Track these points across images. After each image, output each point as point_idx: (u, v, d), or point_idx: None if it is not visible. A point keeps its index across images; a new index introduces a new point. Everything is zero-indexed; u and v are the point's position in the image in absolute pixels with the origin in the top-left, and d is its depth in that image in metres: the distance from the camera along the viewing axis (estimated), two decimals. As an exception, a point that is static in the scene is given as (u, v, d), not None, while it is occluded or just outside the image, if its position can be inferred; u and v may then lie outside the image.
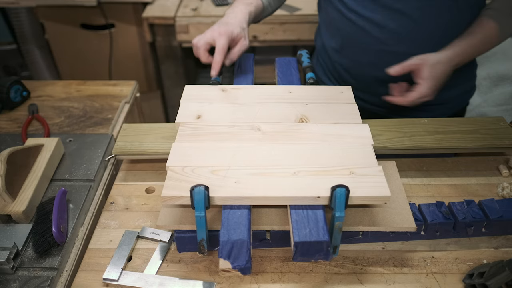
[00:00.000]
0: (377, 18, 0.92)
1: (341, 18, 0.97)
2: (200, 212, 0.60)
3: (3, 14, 1.97)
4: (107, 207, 0.79)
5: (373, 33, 0.93)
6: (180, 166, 0.66)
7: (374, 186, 0.63)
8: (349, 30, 0.97)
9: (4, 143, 0.91)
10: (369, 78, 1.00)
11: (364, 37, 0.95)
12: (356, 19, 0.94)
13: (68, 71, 2.06)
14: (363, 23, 0.94)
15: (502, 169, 0.84)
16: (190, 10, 1.78)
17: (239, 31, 0.86)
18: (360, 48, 0.98)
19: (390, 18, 0.90)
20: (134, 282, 0.65)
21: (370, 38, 0.94)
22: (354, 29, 0.96)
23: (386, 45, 0.94)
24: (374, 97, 1.03)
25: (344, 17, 0.97)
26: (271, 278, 0.67)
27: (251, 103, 0.81)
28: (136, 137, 0.85)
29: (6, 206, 0.73)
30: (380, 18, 0.91)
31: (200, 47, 0.85)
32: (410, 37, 0.91)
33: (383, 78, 0.91)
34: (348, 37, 0.99)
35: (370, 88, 1.02)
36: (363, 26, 0.94)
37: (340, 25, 0.99)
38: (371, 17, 0.92)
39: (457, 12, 0.88)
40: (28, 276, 0.66)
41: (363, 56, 0.98)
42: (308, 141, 0.72)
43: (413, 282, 0.66)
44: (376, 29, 0.93)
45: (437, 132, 0.84)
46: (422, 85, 0.82)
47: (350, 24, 0.96)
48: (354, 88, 0.88)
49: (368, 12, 0.92)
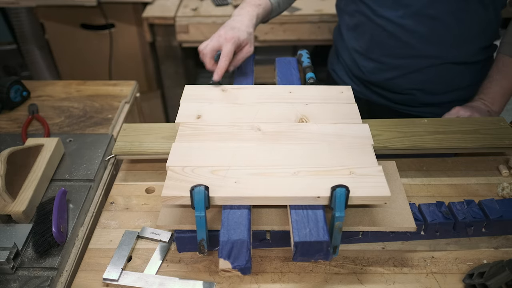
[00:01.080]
0: (408, 24, 0.92)
1: (368, 22, 0.97)
2: (200, 212, 0.60)
3: (3, 14, 1.97)
4: (107, 207, 0.79)
5: (402, 37, 0.93)
6: (180, 166, 0.66)
7: (374, 186, 0.63)
8: (377, 34, 0.97)
9: (4, 143, 0.91)
10: (396, 79, 1.01)
11: (392, 41, 0.95)
12: (385, 24, 0.94)
13: (68, 71, 2.06)
14: (393, 28, 0.93)
15: (502, 169, 0.84)
16: (190, 10, 1.78)
17: (245, 36, 0.85)
18: (388, 52, 0.98)
19: (421, 23, 0.91)
20: (134, 282, 0.65)
21: (400, 42, 0.94)
22: (382, 33, 0.96)
23: (414, 48, 0.94)
24: (400, 96, 1.05)
25: (372, 22, 0.96)
26: (271, 278, 0.67)
27: (251, 103, 0.81)
28: (136, 137, 0.85)
29: (6, 206, 0.73)
30: (411, 23, 0.91)
31: (206, 54, 0.84)
32: (439, 40, 0.91)
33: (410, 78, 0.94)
34: (375, 41, 0.99)
35: (395, 88, 1.03)
36: (393, 31, 0.94)
37: (367, 28, 0.98)
38: (401, 23, 0.92)
39: (483, 11, 0.90)
40: (28, 276, 0.66)
41: (390, 59, 0.98)
42: (308, 141, 0.72)
43: (413, 282, 0.66)
44: (406, 34, 0.93)
45: (437, 132, 0.84)
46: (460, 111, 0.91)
47: (378, 29, 0.96)
48: (380, 88, 0.90)
49: (398, 18, 0.92)
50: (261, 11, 0.93)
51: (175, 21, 1.74)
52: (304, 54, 1.00)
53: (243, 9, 0.91)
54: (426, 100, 1.05)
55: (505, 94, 0.93)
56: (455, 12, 0.89)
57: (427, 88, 1.02)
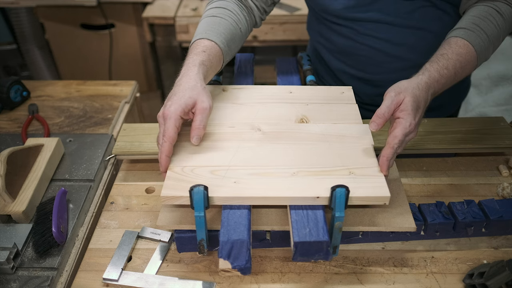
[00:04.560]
0: (395, 38, 0.89)
1: (354, 44, 0.94)
2: (199, 212, 0.60)
3: (3, 14, 1.97)
4: (107, 207, 0.79)
5: (391, 52, 0.91)
6: (179, 166, 0.66)
7: (374, 186, 0.63)
8: (363, 54, 0.94)
9: (4, 143, 0.91)
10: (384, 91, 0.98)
11: (380, 57, 0.93)
12: (372, 43, 0.91)
13: (68, 71, 2.06)
14: (380, 44, 0.91)
15: (502, 169, 0.84)
16: (190, 10, 1.78)
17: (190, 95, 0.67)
18: (377, 68, 0.95)
19: (409, 34, 0.89)
20: (134, 282, 0.65)
21: (388, 57, 0.92)
22: (369, 52, 0.93)
23: (403, 59, 0.92)
24: None
25: (357, 43, 0.93)
26: (271, 278, 0.67)
27: (251, 103, 0.81)
28: (136, 137, 0.85)
29: (6, 206, 0.73)
30: (399, 36, 0.89)
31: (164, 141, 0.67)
32: (429, 47, 0.88)
33: None
34: (361, 59, 0.95)
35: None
36: (380, 47, 0.91)
37: (352, 51, 0.95)
38: (387, 38, 0.90)
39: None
40: (28, 276, 0.66)
41: (379, 75, 0.96)
42: (308, 141, 0.72)
43: (413, 282, 0.66)
44: (394, 47, 0.91)
45: (437, 132, 0.84)
46: (406, 119, 0.66)
47: (364, 48, 0.93)
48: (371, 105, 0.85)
49: (383, 33, 0.89)
50: (205, 57, 0.75)
51: (175, 21, 1.74)
52: (304, 57, 1.00)
53: (186, 65, 0.74)
54: None
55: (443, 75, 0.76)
56: (441, 18, 0.87)
57: None
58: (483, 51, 0.74)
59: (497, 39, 0.76)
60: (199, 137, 0.68)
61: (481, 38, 0.74)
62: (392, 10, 0.86)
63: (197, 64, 0.72)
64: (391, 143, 0.66)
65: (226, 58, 0.81)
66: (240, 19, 0.84)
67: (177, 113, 0.65)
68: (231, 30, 0.81)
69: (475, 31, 0.74)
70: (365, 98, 1.01)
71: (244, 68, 0.97)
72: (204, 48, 0.75)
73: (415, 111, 0.67)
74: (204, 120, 0.67)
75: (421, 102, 0.69)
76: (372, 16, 0.87)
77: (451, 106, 1.06)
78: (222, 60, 0.80)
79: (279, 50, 2.06)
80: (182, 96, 0.66)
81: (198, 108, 0.67)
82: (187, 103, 0.66)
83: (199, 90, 0.68)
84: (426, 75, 0.71)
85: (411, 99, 0.67)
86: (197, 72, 0.71)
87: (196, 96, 0.67)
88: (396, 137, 0.65)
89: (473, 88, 1.78)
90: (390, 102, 0.67)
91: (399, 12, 0.86)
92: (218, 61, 0.78)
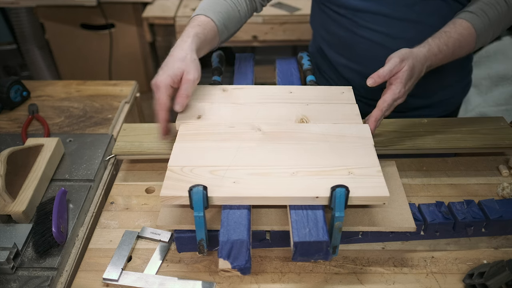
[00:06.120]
0: (394, 31, 0.90)
1: (353, 36, 0.95)
2: (198, 212, 0.60)
3: (3, 14, 1.97)
4: (107, 207, 0.79)
5: (389, 46, 0.90)
6: (179, 166, 0.66)
7: (373, 186, 0.63)
8: (362, 47, 0.95)
9: (4, 143, 0.91)
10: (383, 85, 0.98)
11: (379, 50, 0.93)
12: (371, 36, 0.93)
13: (68, 71, 2.06)
14: (379, 38, 0.92)
15: (502, 169, 0.84)
16: (190, 10, 1.78)
17: (179, 66, 0.72)
18: (374, 61, 0.95)
19: (408, 28, 0.89)
20: (134, 282, 0.65)
21: (386, 50, 0.92)
22: (368, 45, 0.94)
23: None
24: None
25: (356, 35, 0.95)
26: (271, 278, 0.67)
27: (251, 103, 0.81)
28: (136, 137, 0.85)
29: (6, 206, 0.73)
30: (397, 30, 0.90)
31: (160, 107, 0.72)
32: None
33: None
34: (361, 53, 0.97)
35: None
36: (379, 40, 0.92)
37: (351, 42, 0.97)
38: (386, 32, 0.91)
39: (462, 6, 0.89)
40: (28, 276, 0.66)
41: (376, 68, 0.97)
42: (308, 141, 0.72)
43: (413, 282, 0.66)
44: (392, 41, 0.91)
45: (437, 132, 0.84)
46: (397, 86, 0.73)
47: (363, 41, 0.94)
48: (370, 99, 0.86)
49: (383, 27, 0.91)
50: (200, 30, 0.79)
51: (175, 21, 1.75)
52: (304, 57, 1.00)
53: (181, 37, 0.78)
54: (417, 104, 1.03)
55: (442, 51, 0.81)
56: (439, 12, 0.87)
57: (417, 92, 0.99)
58: (483, 34, 0.81)
59: (498, 25, 0.82)
60: (182, 105, 0.74)
61: (484, 23, 0.80)
62: (392, 1, 0.87)
63: (191, 35, 0.77)
64: (380, 106, 0.74)
65: (223, 36, 0.86)
66: (240, 2, 0.89)
67: (167, 83, 0.71)
68: (229, 11, 0.87)
69: (481, 17, 0.80)
70: (364, 92, 1.02)
71: (244, 68, 0.97)
72: (200, 23, 0.81)
73: (407, 80, 0.74)
74: (188, 90, 0.73)
75: (415, 73, 0.75)
76: (370, 7, 0.89)
77: (453, 102, 1.06)
78: (218, 37, 0.85)
79: (279, 50, 2.06)
80: (172, 66, 0.72)
81: (184, 79, 0.72)
82: (175, 73, 0.71)
83: (188, 62, 0.73)
84: (426, 48, 0.77)
85: (408, 69, 0.74)
86: (190, 43, 0.75)
87: (184, 67, 0.72)
88: (386, 101, 0.73)
89: (473, 88, 1.78)
90: (393, 67, 0.73)
91: (398, 5, 0.87)
92: (214, 36, 0.83)
